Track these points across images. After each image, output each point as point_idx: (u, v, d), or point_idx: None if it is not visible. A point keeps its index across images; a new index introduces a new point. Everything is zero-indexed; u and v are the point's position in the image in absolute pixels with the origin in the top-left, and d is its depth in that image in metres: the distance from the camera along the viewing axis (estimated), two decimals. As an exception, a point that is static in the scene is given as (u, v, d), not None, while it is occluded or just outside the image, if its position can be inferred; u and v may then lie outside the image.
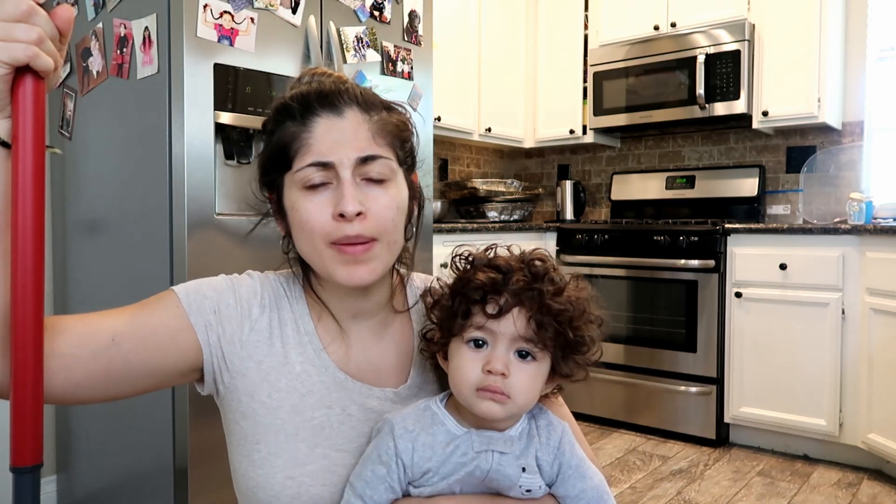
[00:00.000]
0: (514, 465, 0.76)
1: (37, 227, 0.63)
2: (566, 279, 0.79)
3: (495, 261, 0.78)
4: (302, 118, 0.80)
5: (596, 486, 0.79)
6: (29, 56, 0.61)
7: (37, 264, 0.64)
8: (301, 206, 0.78)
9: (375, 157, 0.79)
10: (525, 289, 0.74)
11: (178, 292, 0.82)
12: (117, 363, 0.76)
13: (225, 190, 1.86)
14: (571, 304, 0.76)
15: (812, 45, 3.02)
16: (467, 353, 0.76)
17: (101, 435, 2.01)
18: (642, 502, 2.38)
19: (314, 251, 0.79)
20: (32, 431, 0.65)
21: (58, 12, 0.64)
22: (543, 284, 0.75)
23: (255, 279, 0.88)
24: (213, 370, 0.82)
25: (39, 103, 0.63)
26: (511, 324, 0.74)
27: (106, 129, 1.92)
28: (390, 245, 0.81)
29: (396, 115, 0.85)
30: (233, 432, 0.85)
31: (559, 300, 0.75)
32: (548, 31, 3.86)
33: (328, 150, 0.78)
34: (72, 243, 2.08)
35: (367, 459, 0.77)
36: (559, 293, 0.75)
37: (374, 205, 0.78)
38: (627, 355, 3.21)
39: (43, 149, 0.65)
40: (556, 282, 0.76)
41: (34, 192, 0.63)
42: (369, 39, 2.14)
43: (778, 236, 2.81)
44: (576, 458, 0.79)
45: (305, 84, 0.84)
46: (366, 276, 0.79)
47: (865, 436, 2.60)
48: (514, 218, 3.80)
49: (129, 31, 1.79)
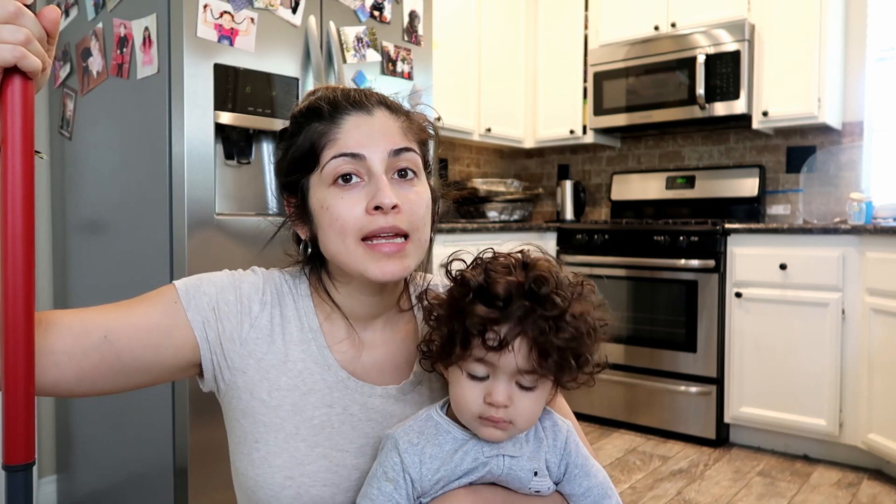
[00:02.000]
0: (525, 468, 0.75)
1: (26, 225, 0.64)
2: (570, 291, 0.74)
3: (494, 286, 0.71)
4: (331, 116, 0.81)
5: (601, 482, 0.80)
6: (17, 57, 0.61)
7: (27, 264, 0.64)
8: (332, 203, 0.78)
9: (408, 149, 0.81)
10: (526, 317, 0.70)
11: (178, 287, 0.81)
12: (110, 360, 0.76)
13: (225, 190, 1.86)
14: (577, 326, 0.72)
15: (812, 45, 3.02)
16: (467, 383, 0.73)
17: (101, 435, 2.01)
18: (642, 502, 2.38)
19: (345, 249, 0.79)
20: (24, 430, 0.65)
21: (45, 14, 0.65)
22: (546, 309, 0.70)
23: (259, 275, 0.87)
24: (213, 367, 0.82)
25: (28, 103, 0.64)
26: (512, 358, 0.70)
27: (106, 129, 1.92)
28: (421, 243, 0.82)
29: (418, 118, 0.88)
30: (233, 430, 0.85)
31: (563, 325, 0.71)
32: (548, 31, 3.87)
33: (356, 143, 0.79)
34: (72, 243, 2.08)
35: (373, 478, 0.76)
36: (563, 317, 0.71)
37: (407, 201, 0.79)
38: (627, 355, 3.21)
39: (32, 148, 0.65)
40: (559, 304, 0.71)
41: (23, 192, 0.64)
42: (369, 39, 2.14)
43: (778, 236, 2.81)
44: (581, 458, 0.79)
45: (322, 92, 0.85)
46: (398, 272, 0.79)
47: (865, 436, 2.60)
48: (514, 218, 3.80)
49: (129, 31, 1.79)
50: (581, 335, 0.72)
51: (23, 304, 0.64)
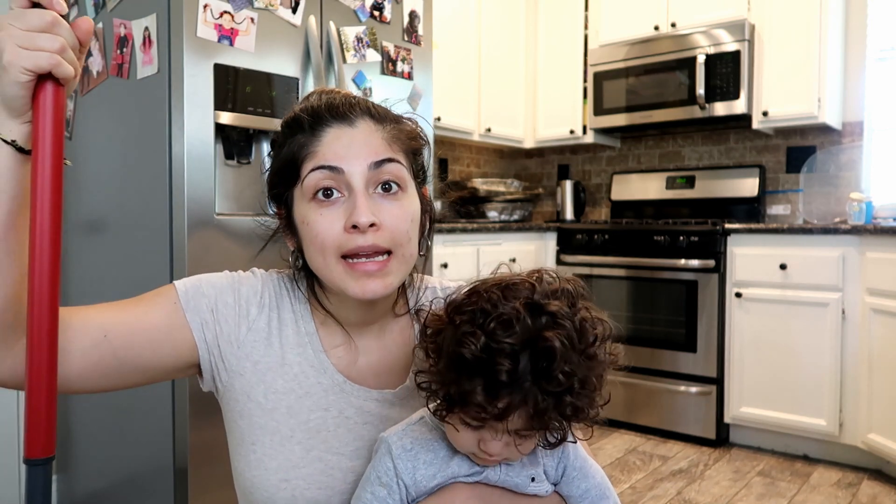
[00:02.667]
0: (522, 474, 0.75)
1: (54, 229, 0.66)
2: (583, 348, 0.67)
3: (496, 370, 0.63)
4: (311, 129, 0.79)
5: (599, 483, 0.79)
6: (52, 64, 0.63)
7: (53, 264, 0.66)
8: (311, 219, 0.77)
9: (391, 160, 0.78)
10: (529, 393, 0.64)
11: (178, 288, 0.81)
12: (108, 359, 0.76)
13: (225, 190, 1.86)
14: (583, 391, 0.67)
15: (812, 45, 3.02)
16: (462, 428, 0.70)
17: (102, 435, 2.01)
18: (642, 502, 2.38)
19: (325, 266, 0.77)
20: (46, 425, 0.66)
21: (79, 24, 0.66)
22: (552, 386, 0.64)
23: (258, 277, 0.87)
24: (211, 368, 0.82)
25: (59, 109, 0.66)
26: (511, 421, 0.66)
27: (106, 129, 1.92)
28: (405, 258, 0.79)
29: (408, 126, 0.85)
30: (231, 431, 0.85)
31: (568, 397, 0.66)
32: (548, 31, 3.86)
33: (335, 156, 0.77)
34: (72, 243, 2.08)
35: (366, 482, 0.75)
36: (570, 390, 0.65)
37: (388, 216, 0.77)
38: (627, 355, 3.19)
39: (61, 153, 0.67)
40: (564, 383, 0.65)
41: (52, 196, 0.66)
42: (369, 39, 2.14)
43: (778, 236, 2.81)
44: (579, 460, 0.79)
45: (315, 99, 0.84)
46: (379, 290, 0.77)
47: (865, 436, 2.60)
48: (514, 218, 3.80)
49: (129, 31, 1.79)
50: (588, 395, 0.68)
51: (48, 303, 0.66)
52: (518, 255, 3.27)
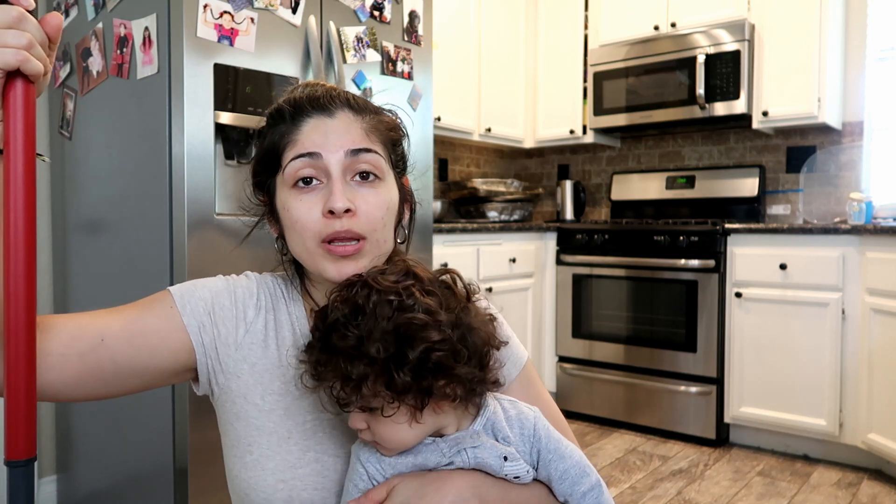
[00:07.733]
0: (493, 455, 0.75)
1: (28, 226, 0.65)
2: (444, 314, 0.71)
3: (345, 322, 0.70)
4: (293, 119, 0.82)
5: (576, 462, 0.79)
6: (20, 60, 0.62)
7: (29, 265, 0.66)
8: (291, 206, 0.80)
9: (368, 150, 0.81)
10: (383, 364, 0.68)
11: (173, 293, 0.82)
12: (105, 364, 0.76)
13: (225, 190, 1.86)
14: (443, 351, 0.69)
15: (812, 45, 3.02)
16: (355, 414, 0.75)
17: (101, 435, 2.01)
18: (642, 502, 2.38)
19: (305, 250, 0.80)
20: (25, 426, 0.66)
21: (47, 19, 0.66)
22: (414, 349, 0.68)
23: (253, 280, 0.88)
24: (208, 371, 0.83)
25: (30, 106, 0.65)
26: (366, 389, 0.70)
27: (106, 129, 1.92)
28: (379, 244, 0.81)
29: (388, 117, 0.87)
30: (227, 434, 0.85)
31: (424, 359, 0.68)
32: (548, 30, 3.86)
33: (313, 144, 0.79)
34: (72, 243, 2.08)
35: (346, 493, 0.77)
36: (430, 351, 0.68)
37: (364, 203, 0.79)
38: (627, 355, 3.21)
39: (34, 151, 0.66)
40: (432, 338, 0.69)
41: (25, 194, 0.65)
42: (369, 39, 2.14)
43: (778, 236, 2.81)
44: (553, 442, 0.79)
45: (298, 92, 0.86)
46: (352, 272, 0.79)
47: (865, 436, 2.60)
48: (514, 218, 3.80)
49: (129, 31, 1.79)
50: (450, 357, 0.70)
51: (24, 300, 0.65)
52: (518, 255, 3.27)
